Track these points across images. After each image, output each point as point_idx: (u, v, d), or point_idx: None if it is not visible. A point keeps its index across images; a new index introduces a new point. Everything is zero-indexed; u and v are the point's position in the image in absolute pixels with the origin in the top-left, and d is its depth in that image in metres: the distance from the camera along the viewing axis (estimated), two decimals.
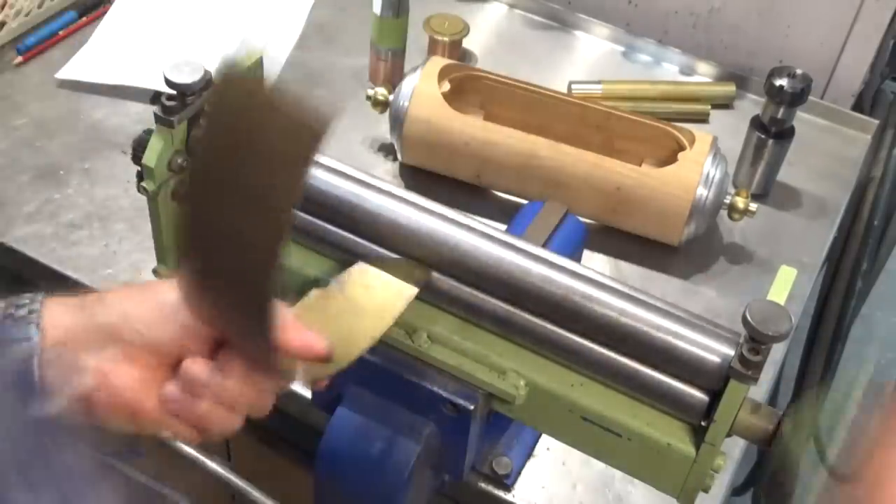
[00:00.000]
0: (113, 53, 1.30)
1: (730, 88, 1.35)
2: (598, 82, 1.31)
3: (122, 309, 0.61)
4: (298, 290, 0.72)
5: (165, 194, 0.80)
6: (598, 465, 0.88)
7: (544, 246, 0.80)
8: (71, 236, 1.08)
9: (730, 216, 1.09)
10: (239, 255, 0.55)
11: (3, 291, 0.52)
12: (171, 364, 0.62)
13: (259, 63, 0.84)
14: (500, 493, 0.90)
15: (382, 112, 1.16)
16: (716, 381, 0.68)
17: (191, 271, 0.58)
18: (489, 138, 1.10)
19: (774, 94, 1.14)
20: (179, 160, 0.78)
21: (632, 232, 1.12)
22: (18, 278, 1.08)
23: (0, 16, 1.27)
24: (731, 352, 0.67)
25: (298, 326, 0.62)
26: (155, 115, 0.77)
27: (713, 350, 0.68)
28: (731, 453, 0.91)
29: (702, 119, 1.32)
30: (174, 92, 0.76)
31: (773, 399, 1.50)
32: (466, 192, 1.15)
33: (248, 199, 0.54)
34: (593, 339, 0.72)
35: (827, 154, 1.29)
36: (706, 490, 0.72)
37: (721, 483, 0.91)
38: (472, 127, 1.11)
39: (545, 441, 0.93)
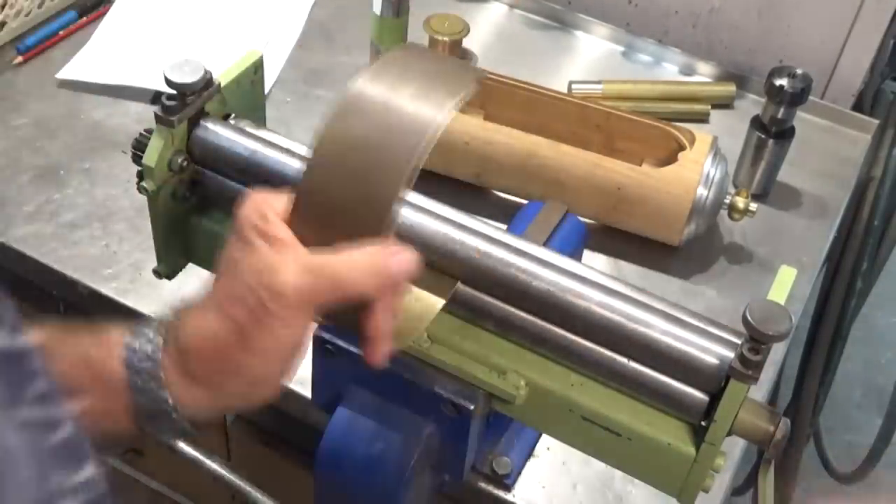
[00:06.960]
0: (113, 53, 1.30)
1: (730, 88, 1.34)
2: (599, 82, 1.31)
3: None
4: None
5: (165, 194, 0.80)
6: (598, 465, 0.88)
7: (544, 246, 0.80)
8: (71, 236, 1.08)
9: (730, 216, 1.09)
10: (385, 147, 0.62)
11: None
12: None
13: (259, 63, 0.85)
14: (500, 493, 0.90)
15: None
16: (716, 381, 0.68)
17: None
18: (489, 138, 1.10)
19: (774, 94, 1.14)
20: (179, 160, 0.78)
21: (632, 232, 1.12)
22: (18, 278, 1.08)
23: (0, 16, 1.27)
24: (731, 352, 0.67)
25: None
26: (155, 115, 0.77)
27: (713, 350, 0.68)
28: (731, 453, 0.91)
29: (702, 119, 1.31)
30: (174, 92, 0.76)
31: (773, 399, 1.51)
32: (466, 192, 1.15)
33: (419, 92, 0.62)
34: (593, 339, 0.72)
35: (827, 154, 1.29)
36: (706, 490, 0.72)
37: (721, 483, 0.91)
38: (472, 127, 1.11)
39: (545, 441, 0.93)
